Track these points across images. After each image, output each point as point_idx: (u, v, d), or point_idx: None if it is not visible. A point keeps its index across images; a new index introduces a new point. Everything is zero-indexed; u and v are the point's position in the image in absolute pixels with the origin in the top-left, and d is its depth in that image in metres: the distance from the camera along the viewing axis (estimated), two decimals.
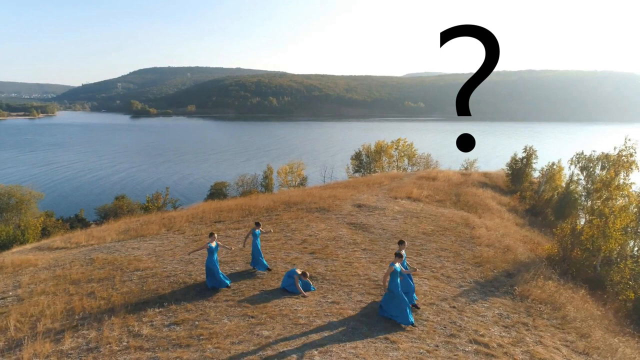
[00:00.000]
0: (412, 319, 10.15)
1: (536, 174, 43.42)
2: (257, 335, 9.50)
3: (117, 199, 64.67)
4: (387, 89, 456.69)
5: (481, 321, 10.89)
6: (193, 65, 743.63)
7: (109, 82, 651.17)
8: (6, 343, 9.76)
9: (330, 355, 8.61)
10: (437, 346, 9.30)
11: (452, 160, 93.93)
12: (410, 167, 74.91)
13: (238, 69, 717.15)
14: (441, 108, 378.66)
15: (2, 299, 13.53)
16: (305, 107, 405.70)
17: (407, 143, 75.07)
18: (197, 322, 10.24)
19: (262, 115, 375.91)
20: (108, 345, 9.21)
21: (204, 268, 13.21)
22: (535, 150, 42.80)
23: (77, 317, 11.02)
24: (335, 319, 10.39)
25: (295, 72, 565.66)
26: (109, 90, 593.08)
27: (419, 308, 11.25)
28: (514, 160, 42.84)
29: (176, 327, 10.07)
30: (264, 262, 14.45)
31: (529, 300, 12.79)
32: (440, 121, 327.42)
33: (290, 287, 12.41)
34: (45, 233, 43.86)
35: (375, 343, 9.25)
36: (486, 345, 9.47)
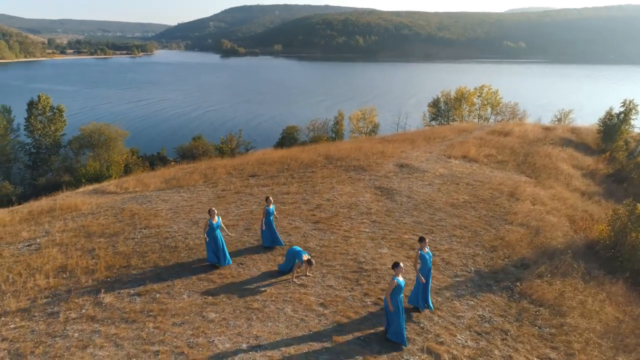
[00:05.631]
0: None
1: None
2: (203, 317, 9.51)
3: (194, 140, 67.78)
4: (485, 27, 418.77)
5: (452, 324, 9.88)
6: (281, 3, 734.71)
7: (202, 21, 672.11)
8: None
9: (256, 351, 8.37)
10: (380, 352, 8.62)
11: (545, 109, 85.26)
12: (493, 117, 69.73)
13: (326, 7, 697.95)
14: (544, 49, 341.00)
15: (27, 245, 14.98)
16: (393, 47, 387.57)
17: (491, 90, 69.40)
18: (157, 295, 10.50)
19: (348, 55, 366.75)
20: (68, 312, 9.81)
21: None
22: (637, 105, 37.36)
23: (65, 275, 11.86)
24: (289, 307, 10.05)
25: (385, 9, 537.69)
26: (202, 30, 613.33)
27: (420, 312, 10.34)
28: (608, 115, 37.86)
29: (137, 298, 10.42)
30: (269, 238, 13.61)
31: (528, 300, 11.35)
32: (542, 63, 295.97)
33: (285, 267, 11.75)
34: (127, 170, 47.67)
35: (312, 341, 8.80)
36: (437, 357, 8.58)
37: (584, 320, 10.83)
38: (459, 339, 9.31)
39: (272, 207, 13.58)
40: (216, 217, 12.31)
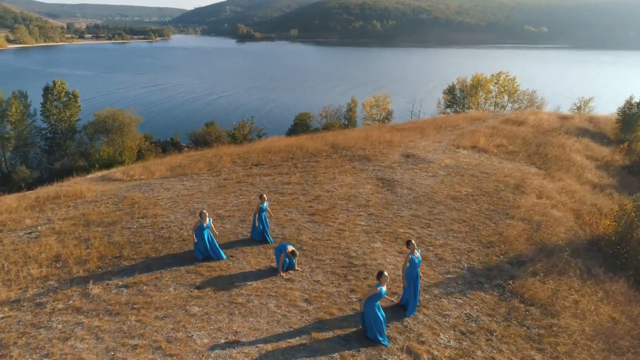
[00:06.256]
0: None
1: None
2: (185, 311, 9.56)
3: (206, 126, 67.87)
4: (505, 11, 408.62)
5: (437, 322, 9.74)
6: None
7: (219, 6, 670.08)
8: None
9: (234, 347, 8.39)
10: (359, 350, 8.55)
11: (564, 96, 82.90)
12: (510, 105, 68.41)
13: None
14: (567, 33, 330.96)
15: (28, 233, 15.25)
16: (410, 32, 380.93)
17: (508, 77, 67.92)
18: (144, 287, 10.58)
19: (364, 40, 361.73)
20: (55, 303, 9.96)
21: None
22: None
23: (58, 265, 12.03)
24: (273, 302, 10.03)
25: None
26: (218, 14, 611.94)
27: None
28: (628, 104, 36.73)
29: (124, 289, 10.52)
30: (260, 234, 13.56)
31: (519, 299, 11.12)
32: (564, 49, 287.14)
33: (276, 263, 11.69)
34: (140, 155, 48.14)
35: (291, 337, 8.77)
36: (416, 357, 8.48)
37: (576, 320, 10.58)
38: (441, 338, 9.19)
39: (265, 204, 13.55)
40: (207, 220, 12.27)
